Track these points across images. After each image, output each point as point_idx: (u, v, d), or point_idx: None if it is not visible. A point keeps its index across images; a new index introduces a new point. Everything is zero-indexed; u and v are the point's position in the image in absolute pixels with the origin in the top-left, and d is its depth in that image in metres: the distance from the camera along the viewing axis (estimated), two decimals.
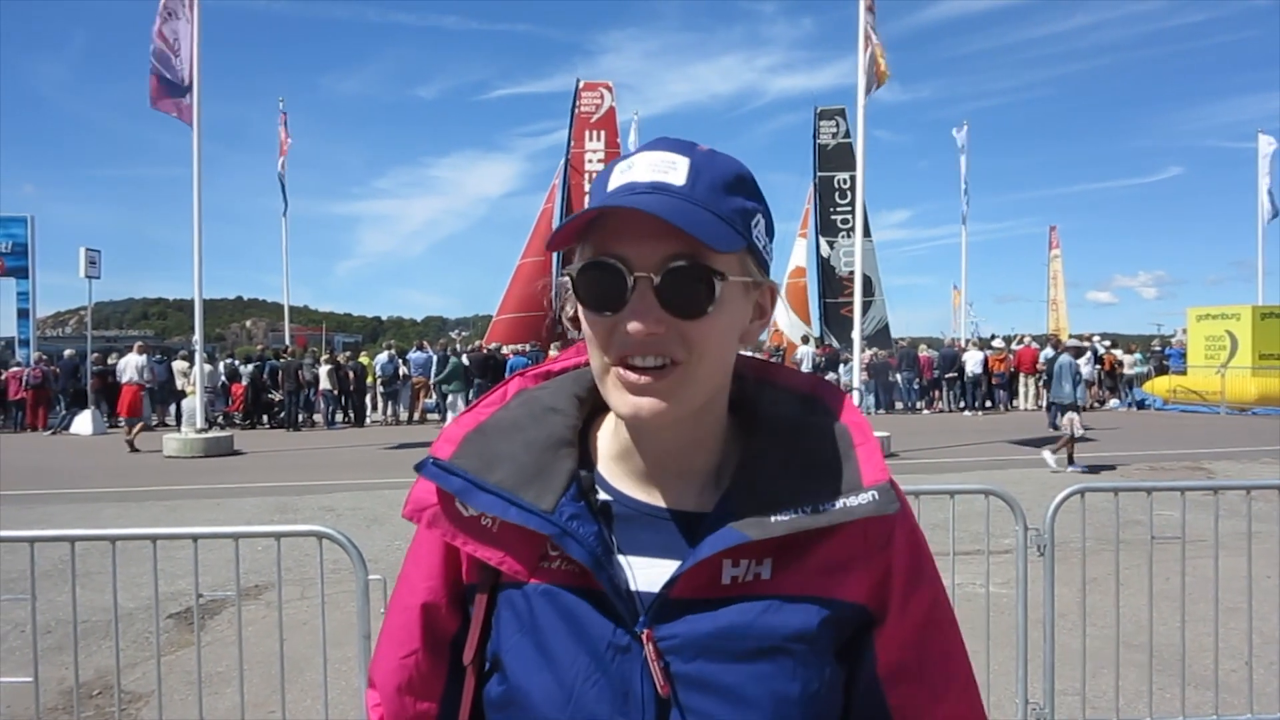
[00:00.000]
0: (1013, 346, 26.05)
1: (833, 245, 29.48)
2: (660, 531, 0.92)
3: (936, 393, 24.76)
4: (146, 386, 17.48)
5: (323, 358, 23.28)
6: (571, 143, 27.67)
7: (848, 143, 29.31)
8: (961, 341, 27.58)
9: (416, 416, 22.52)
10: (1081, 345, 15.31)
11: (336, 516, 9.01)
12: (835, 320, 29.34)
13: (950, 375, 24.21)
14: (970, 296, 42.39)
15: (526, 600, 0.91)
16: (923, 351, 25.53)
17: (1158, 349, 27.59)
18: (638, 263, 0.84)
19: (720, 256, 0.85)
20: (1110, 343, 27.31)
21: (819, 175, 29.83)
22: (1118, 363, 25.50)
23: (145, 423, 17.74)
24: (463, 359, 20.96)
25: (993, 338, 28.76)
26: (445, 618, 0.98)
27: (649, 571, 0.89)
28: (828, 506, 0.88)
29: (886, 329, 28.91)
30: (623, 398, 0.86)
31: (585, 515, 0.90)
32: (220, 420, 21.08)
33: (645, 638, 0.86)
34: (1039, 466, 12.41)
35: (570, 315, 0.93)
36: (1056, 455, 12.16)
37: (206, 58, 15.19)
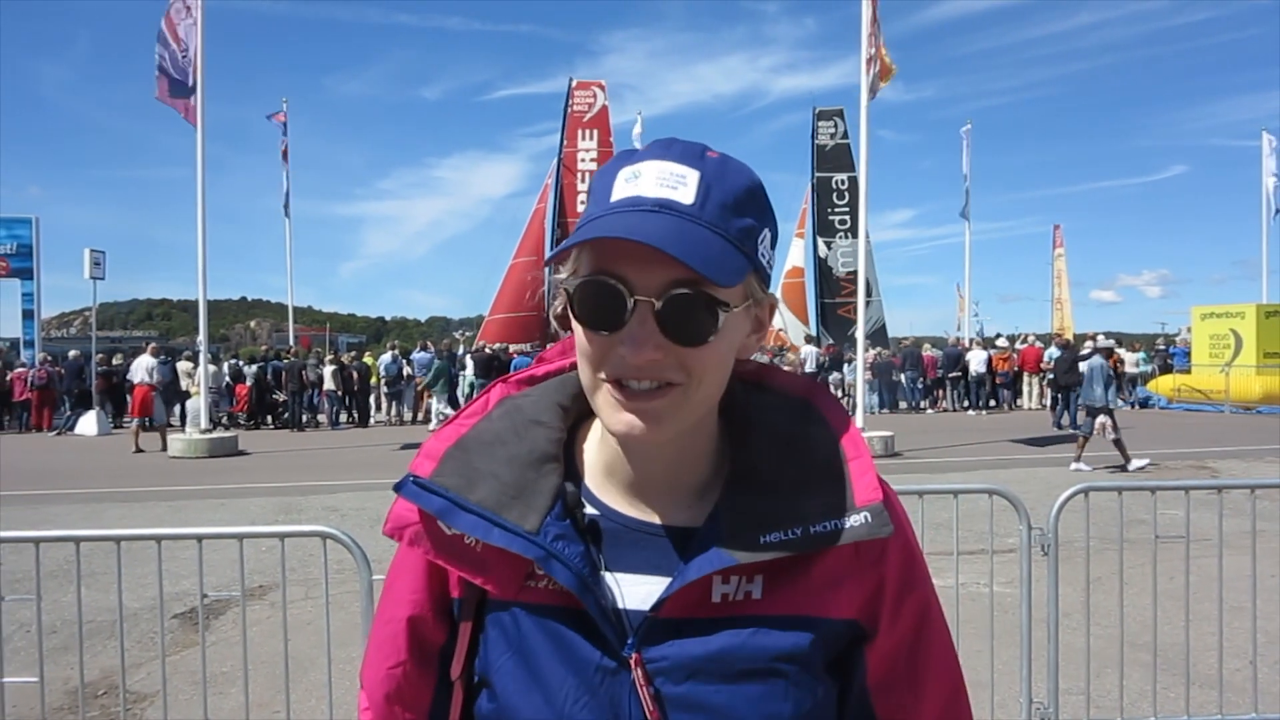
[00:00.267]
0: (1017, 346, 26.02)
1: (830, 246, 29.46)
2: (648, 548, 0.89)
3: (940, 392, 24.70)
4: (156, 388, 17.55)
5: (327, 358, 23.28)
6: (564, 142, 27.48)
7: (846, 143, 29.30)
8: (966, 341, 27.51)
9: (420, 416, 22.52)
10: (1112, 346, 15.12)
11: (341, 517, 9.03)
12: (832, 320, 29.34)
13: (954, 375, 24.16)
14: (975, 296, 42.29)
15: (514, 620, 0.89)
16: (926, 351, 25.52)
17: (1162, 348, 27.52)
18: (639, 285, 0.80)
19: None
20: (1115, 341, 27.24)
21: (817, 176, 29.81)
22: (1120, 361, 25.43)
23: (162, 424, 17.80)
24: (448, 360, 20.96)
25: (997, 337, 28.74)
26: (432, 630, 0.96)
27: (637, 589, 0.88)
28: (819, 529, 0.86)
29: (884, 329, 28.90)
30: (615, 415, 0.84)
31: (571, 534, 0.87)
32: (225, 421, 21.17)
33: (634, 662, 0.84)
34: (1043, 465, 12.40)
35: (559, 314, 0.90)
36: (1079, 461, 12.14)
37: (210, 58, 15.30)
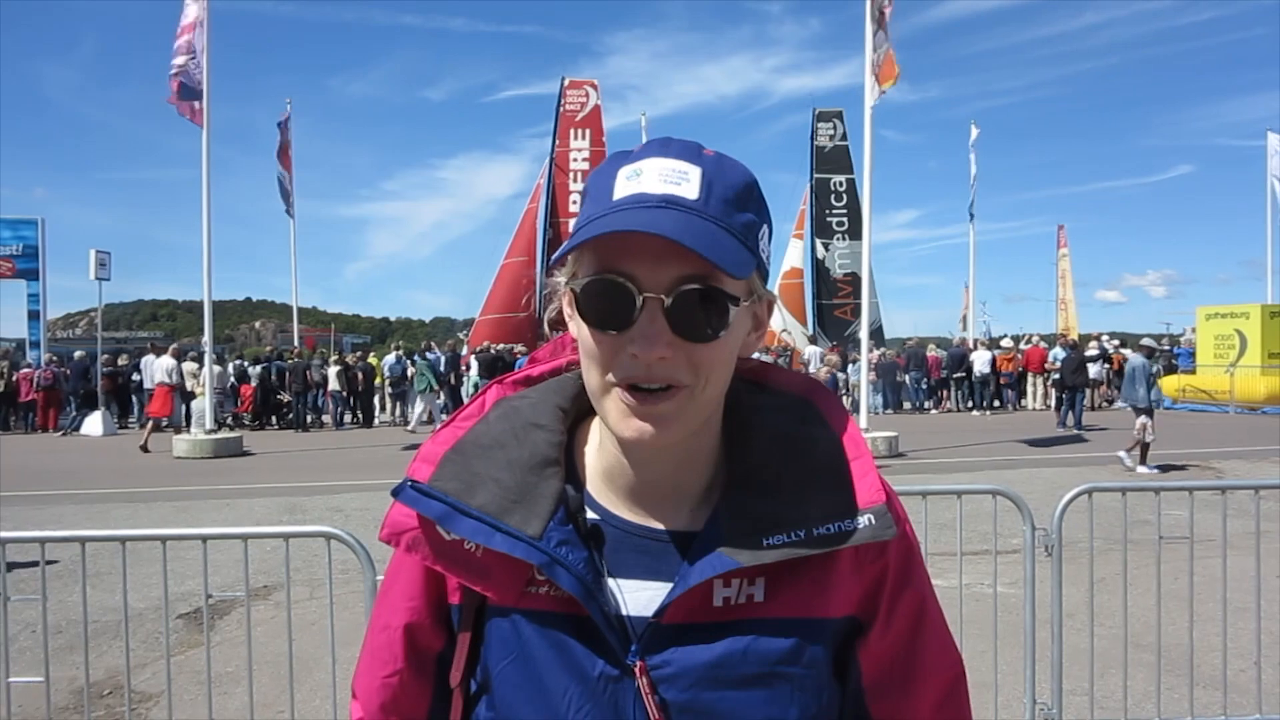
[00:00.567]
0: (1021, 346, 25.97)
1: (828, 247, 29.42)
2: (651, 553, 0.89)
3: (944, 392, 24.66)
4: (176, 389, 17.66)
5: (331, 359, 23.38)
6: (556, 141, 27.34)
7: (844, 145, 29.27)
8: (971, 341, 27.48)
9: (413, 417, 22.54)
10: (1153, 346, 15.08)
11: (345, 517, 9.04)
12: (829, 321, 29.32)
13: (958, 375, 24.14)
14: (980, 296, 42.28)
15: (514, 626, 0.88)
16: (930, 351, 25.48)
17: (1166, 348, 27.46)
18: (648, 283, 0.79)
19: (733, 278, 0.81)
20: (1119, 342, 27.18)
21: (815, 177, 29.74)
22: (1125, 361, 25.38)
23: (177, 425, 17.87)
24: (431, 360, 20.93)
25: (1002, 337, 28.69)
26: (429, 637, 0.95)
27: (640, 595, 0.87)
28: (822, 531, 0.85)
29: (880, 330, 28.84)
30: (625, 420, 0.83)
31: (574, 540, 0.86)
32: (229, 421, 21.17)
33: (638, 670, 0.84)
34: (1047, 466, 12.37)
35: (553, 318, 0.90)
36: (1131, 453, 12.20)
37: (215, 60, 15.34)
